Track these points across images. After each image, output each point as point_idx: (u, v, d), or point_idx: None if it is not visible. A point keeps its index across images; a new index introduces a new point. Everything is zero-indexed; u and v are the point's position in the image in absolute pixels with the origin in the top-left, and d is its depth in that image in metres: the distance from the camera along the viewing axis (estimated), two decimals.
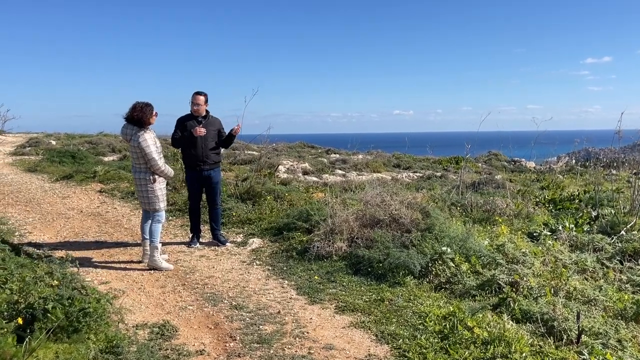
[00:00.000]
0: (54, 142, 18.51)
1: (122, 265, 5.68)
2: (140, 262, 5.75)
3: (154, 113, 5.48)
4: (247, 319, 4.28)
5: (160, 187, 5.59)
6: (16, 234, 6.88)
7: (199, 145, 6.23)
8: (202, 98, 6.29)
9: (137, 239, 6.45)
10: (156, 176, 5.53)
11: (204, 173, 6.34)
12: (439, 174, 14.00)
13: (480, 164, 16.24)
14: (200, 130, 6.14)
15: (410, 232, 5.68)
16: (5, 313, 3.33)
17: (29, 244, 6.34)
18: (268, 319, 4.27)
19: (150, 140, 5.42)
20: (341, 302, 4.63)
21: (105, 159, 14.56)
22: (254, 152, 16.85)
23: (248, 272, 5.50)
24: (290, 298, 4.76)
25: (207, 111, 6.38)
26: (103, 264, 5.69)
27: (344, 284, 5.08)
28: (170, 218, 7.93)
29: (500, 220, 7.06)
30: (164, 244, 6.56)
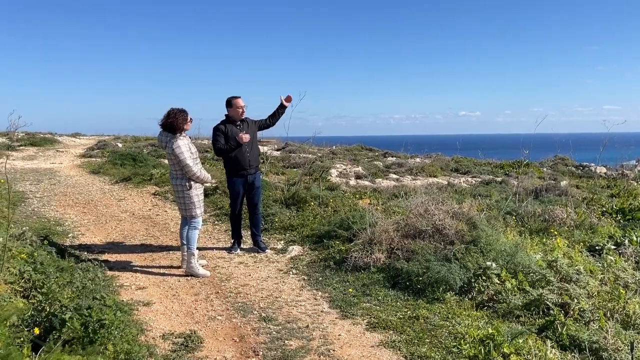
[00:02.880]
0: (120, 145, 19.31)
1: (162, 271, 5.73)
2: (179, 267, 5.78)
3: (188, 119, 5.49)
4: (274, 332, 4.16)
5: (196, 193, 5.60)
6: (69, 235, 7.13)
7: (244, 151, 6.20)
8: (243, 101, 6.28)
9: None
10: (192, 182, 5.53)
11: (249, 178, 6.30)
12: (499, 179, 13.38)
13: (545, 169, 15.37)
14: (246, 137, 6.10)
15: (453, 244, 5.37)
16: (29, 320, 3.38)
17: (79, 246, 6.54)
18: (295, 334, 4.13)
19: (185, 147, 5.43)
20: (374, 318, 4.42)
21: (165, 161, 14.98)
22: (310, 155, 16.83)
23: (283, 282, 5.39)
24: (321, 311, 4.60)
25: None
26: (144, 269, 5.77)
27: (379, 298, 4.85)
28: (215, 222, 7.98)
29: (555, 232, 6.57)
30: (206, 248, 6.60)
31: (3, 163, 14.23)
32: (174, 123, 5.42)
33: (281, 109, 6.47)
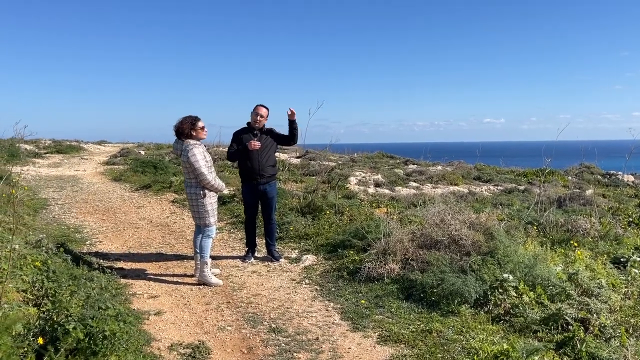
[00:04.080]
0: (143, 152, 19.54)
1: (175, 279, 5.71)
2: (193, 275, 5.76)
3: (198, 126, 5.47)
4: (283, 344, 4.09)
5: (210, 201, 5.58)
6: (87, 242, 7.19)
7: (254, 158, 6.18)
8: (265, 110, 6.26)
9: None
10: (206, 191, 5.52)
11: (260, 187, 6.27)
12: (522, 187, 13.11)
13: (570, 177, 15.01)
14: (255, 144, 6.08)
15: (470, 255, 5.23)
16: (36, 329, 3.38)
17: (96, 253, 6.58)
18: (304, 346, 4.05)
19: (200, 155, 5.42)
20: (385, 330, 4.31)
21: None
22: (330, 163, 16.77)
23: (295, 292, 5.32)
24: (332, 323, 4.51)
25: (263, 125, 6.34)
26: (157, 277, 5.76)
27: (392, 310, 4.74)
28: (231, 230, 7.97)
29: (575, 243, 6.37)
30: (221, 257, 6.58)
31: (27, 171, 14.53)
32: (179, 129, 5.47)
33: (292, 124, 6.34)
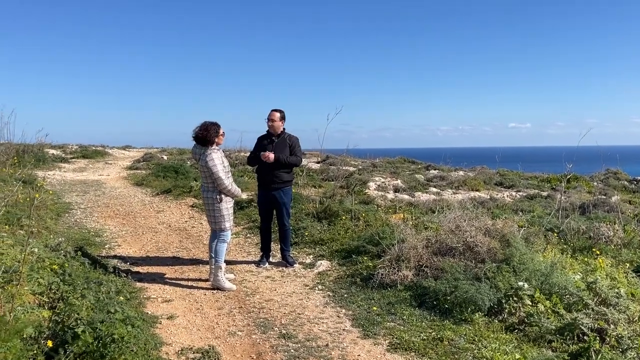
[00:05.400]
0: (165, 157, 19.80)
1: (190, 283, 5.76)
2: (207, 280, 5.80)
3: (220, 133, 5.54)
4: (292, 350, 4.08)
5: (227, 206, 5.62)
6: (106, 246, 7.31)
7: (269, 166, 6.23)
8: (277, 114, 6.30)
9: None
10: (222, 195, 5.56)
11: (273, 192, 6.30)
12: (545, 193, 12.87)
13: (595, 183, 14.68)
14: (269, 157, 6.11)
15: (484, 262, 5.15)
16: (48, 332, 3.44)
17: (114, 257, 6.68)
18: (313, 352, 4.04)
19: (218, 160, 5.48)
20: (396, 338, 4.27)
21: None
22: (350, 168, 16.73)
23: (308, 298, 5.31)
24: (343, 329, 4.49)
25: (283, 129, 6.37)
26: (173, 281, 5.82)
27: (404, 317, 4.69)
28: (248, 235, 8.01)
29: (597, 251, 6.22)
30: (236, 262, 6.61)
31: (53, 175, 14.86)
32: (206, 136, 5.50)
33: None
